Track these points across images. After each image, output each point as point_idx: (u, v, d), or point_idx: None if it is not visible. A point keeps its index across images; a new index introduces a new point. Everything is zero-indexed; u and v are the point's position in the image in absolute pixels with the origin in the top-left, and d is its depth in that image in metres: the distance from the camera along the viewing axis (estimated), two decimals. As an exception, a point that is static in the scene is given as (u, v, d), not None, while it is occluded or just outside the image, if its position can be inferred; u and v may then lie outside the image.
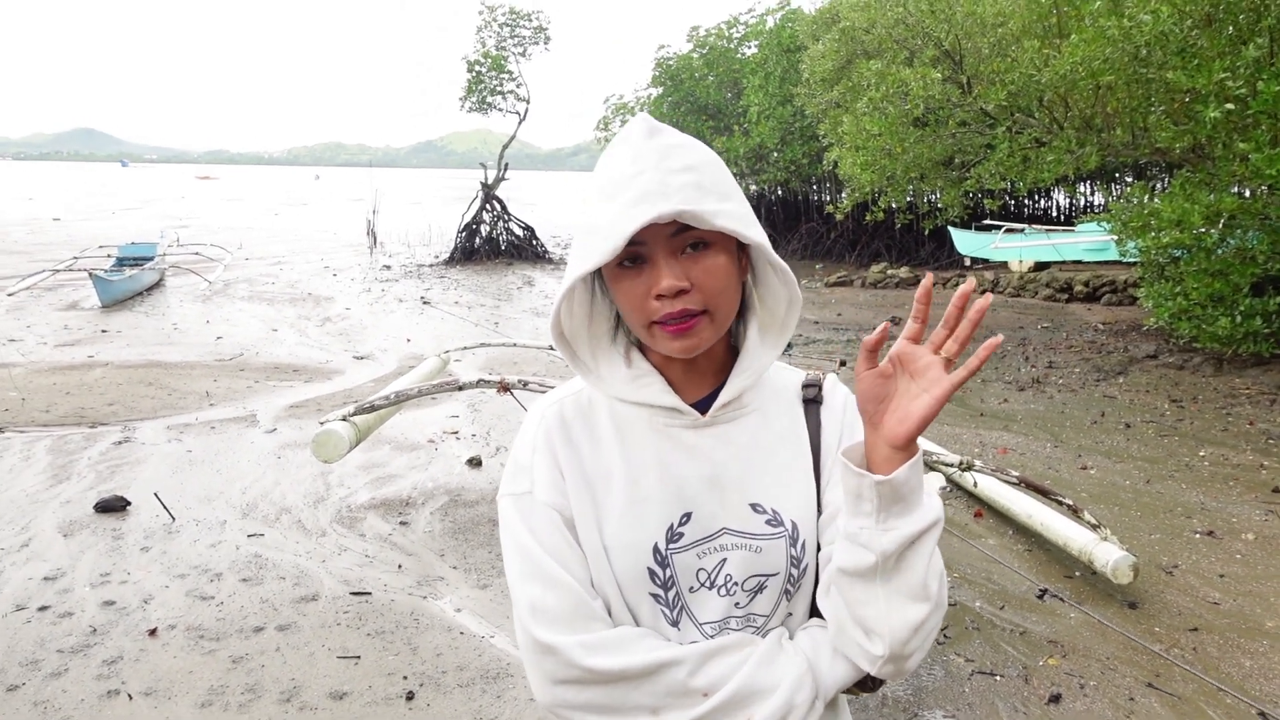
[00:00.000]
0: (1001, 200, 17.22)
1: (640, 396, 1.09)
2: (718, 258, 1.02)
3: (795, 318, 1.11)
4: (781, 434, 1.13)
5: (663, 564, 1.06)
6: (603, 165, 1.05)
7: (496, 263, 19.26)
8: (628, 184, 0.99)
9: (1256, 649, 3.41)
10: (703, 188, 1.00)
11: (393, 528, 4.66)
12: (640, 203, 0.97)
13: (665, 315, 1.00)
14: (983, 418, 6.84)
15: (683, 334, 1.01)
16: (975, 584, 3.99)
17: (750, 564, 1.08)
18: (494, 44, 20.52)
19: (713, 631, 1.07)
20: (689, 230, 1.00)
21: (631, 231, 0.96)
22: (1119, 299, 12.36)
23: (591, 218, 1.02)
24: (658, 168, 1.00)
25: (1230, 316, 7.54)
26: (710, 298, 1.01)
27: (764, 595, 1.08)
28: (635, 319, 1.04)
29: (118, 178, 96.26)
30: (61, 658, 3.34)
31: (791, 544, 1.09)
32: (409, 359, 8.93)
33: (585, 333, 1.13)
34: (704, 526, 1.07)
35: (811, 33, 15.48)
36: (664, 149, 1.02)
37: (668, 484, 1.08)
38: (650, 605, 1.07)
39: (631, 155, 1.01)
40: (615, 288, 1.04)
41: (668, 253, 1.00)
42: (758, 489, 1.09)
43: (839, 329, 11.06)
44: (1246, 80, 6.66)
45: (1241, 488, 5.18)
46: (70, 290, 13.40)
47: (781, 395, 1.16)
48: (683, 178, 0.99)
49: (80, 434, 6.22)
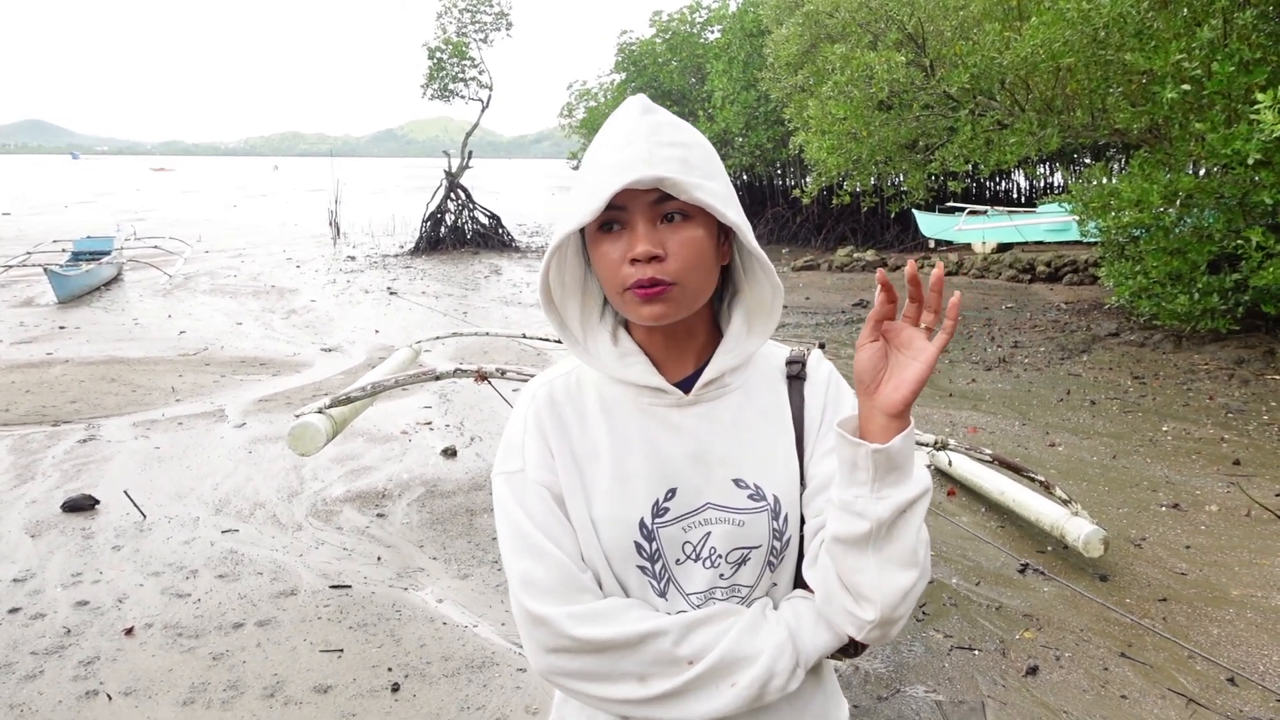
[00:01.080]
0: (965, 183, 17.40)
1: (626, 375, 1.12)
2: (695, 231, 1.05)
3: (779, 304, 1.13)
4: (764, 411, 1.16)
5: (649, 537, 1.09)
6: (598, 138, 1.09)
7: (463, 252, 19.12)
8: (616, 152, 1.03)
9: (1223, 617, 3.51)
10: (688, 163, 1.03)
11: (370, 520, 4.63)
12: (625, 168, 1.01)
13: (636, 281, 1.03)
14: (952, 398, 6.94)
15: (651, 299, 1.03)
16: (952, 561, 4.06)
17: (733, 537, 1.11)
18: (455, 30, 20.30)
19: (699, 602, 1.11)
20: (669, 200, 1.03)
21: (613, 190, 0.99)
22: (1080, 278, 12.58)
23: (580, 182, 1.07)
24: (647, 140, 1.03)
25: (1189, 294, 7.72)
26: (682, 269, 1.04)
27: (747, 567, 1.12)
28: (610, 284, 1.06)
29: (69, 170, 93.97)
30: (36, 659, 3.28)
31: (774, 517, 1.12)
32: (378, 350, 8.85)
33: (577, 303, 1.15)
34: (688, 501, 1.10)
35: (775, 17, 15.49)
36: (655, 125, 1.05)
37: (653, 461, 1.11)
38: (638, 577, 1.10)
39: (625, 129, 1.05)
40: (594, 252, 1.07)
41: (647, 219, 1.03)
42: (740, 465, 1.12)
43: (807, 313, 11.14)
44: (1202, 61, 6.79)
45: (1204, 461, 5.31)
46: (24, 286, 13.08)
47: (765, 372, 1.19)
48: (670, 151, 1.03)
49: (43, 433, 6.09)
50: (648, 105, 1.08)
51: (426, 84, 20.54)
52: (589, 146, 1.10)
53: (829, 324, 10.33)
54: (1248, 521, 4.42)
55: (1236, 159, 6.50)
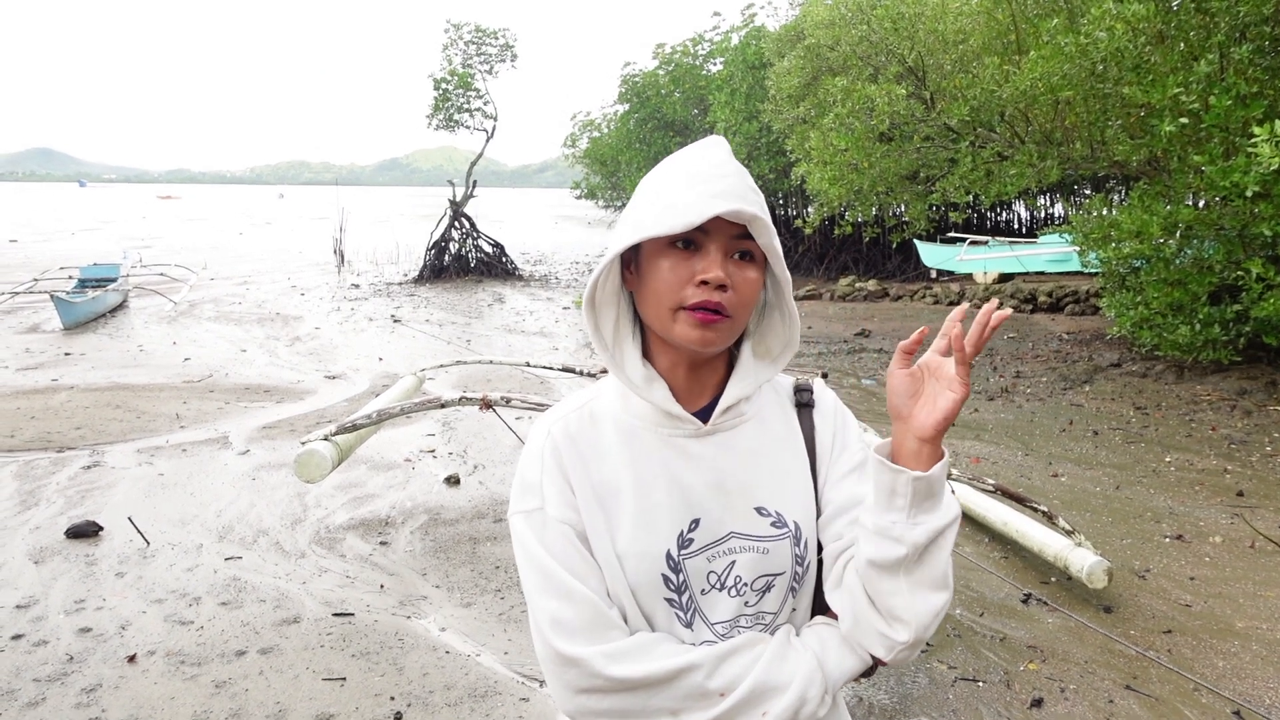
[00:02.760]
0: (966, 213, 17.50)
1: (650, 395, 1.13)
2: (757, 273, 1.10)
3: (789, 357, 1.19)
4: (779, 438, 1.19)
5: (675, 569, 1.10)
6: (683, 160, 1.12)
7: (466, 280, 19.21)
8: (712, 180, 1.07)
9: (1228, 649, 3.50)
10: (765, 212, 1.09)
11: (373, 548, 4.63)
12: (725, 196, 1.05)
13: (702, 302, 1.06)
14: (954, 427, 6.94)
15: (708, 325, 1.07)
16: (955, 591, 4.05)
17: (758, 565, 1.13)
18: (460, 61, 20.54)
19: (724, 630, 1.12)
20: (747, 239, 1.08)
21: (714, 213, 1.04)
22: (1082, 309, 12.61)
23: (662, 192, 1.09)
24: (742, 179, 1.08)
25: (1190, 325, 7.74)
26: (740, 305, 1.09)
27: (772, 594, 1.14)
28: (666, 300, 1.08)
29: (76, 198, 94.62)
30: (39, 687, 3.27)
31: (795, 543, 1.14)
32: (382, 378, 8.88)
33: (613, 310, 1.16)
34: (712, 531, 1.12)
35: (777, 50, 15.68)
36: (744, 171, 1.11)
37: (675, 492, 1.12)
38: (665, 609, 1.11)
39: (718, 160, 1.10)
40: (655, 265, 1.09)
41: (723, 249, 1.08)
42: (761, 493, 1.15)
43: (810, 342, 11.17)
44: (1199, 95, 6.87)
45: (1207, 492, 5.31)
46: (30, 313, 13.15)
47: (775, 400, 1.22)
48: (756, 198, 1.09)
49: (47, 459, 6.11)
50: (731, 151, 1.13)
51: (432, 114, 20.74)
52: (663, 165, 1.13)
53: (831, 353, 10.36)
54: (1252, 553, 4.41)
55: (1235, 191, 6.55)
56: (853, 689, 3.08)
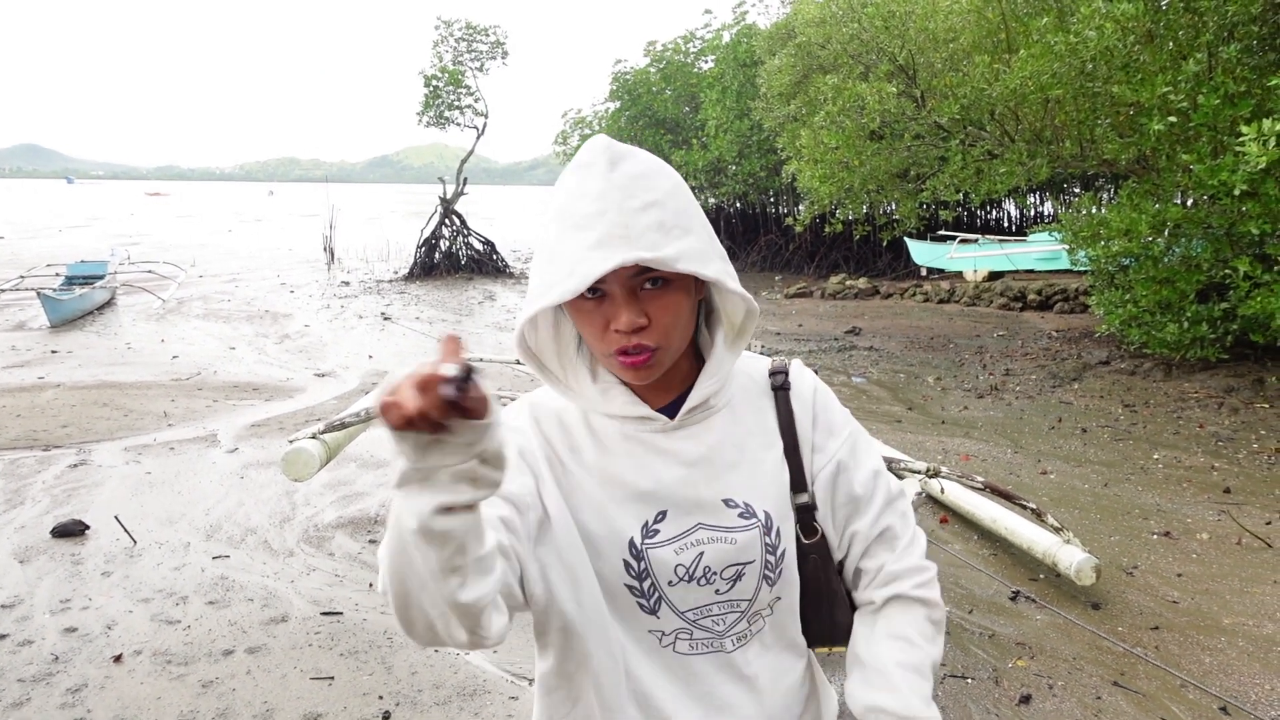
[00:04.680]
0: (956, 211, 17.54)
1: (609, 408, 1.13)
2: (676, 295, 1.05)
3: (753, 325, 1.15)
4: (750, 428, 1.17)
5: (637, 557, 1.11)
6: (563, 190, 1.06)
7: (457, 278, 19.17)
8: (590, 222, 1.01)
9: (1215, 645, 3.51)
10: (665, 227, 1.01)
11: (362, 546, 4.61)
12: (603, 245, 0.99)
13: (621, 347, 1.03)
14: (944, 425, 6.96)
15: (636, 367, 1.05)
16: (944, 588, 4.03)
17: (726, 555, 1.12)
18: (451, 58, 20.49)
19: (695, 617, 1.13)
20: (649, 270, 1.02)
21: (595, 277, 0.98)
22: (1071, 307, 12.66)
23: (552, 246, 1.04)
24: (620, 208, 1.00)
25: (1178, 323, 7.78)
26: (665, 334, 1.05)
27: (743, 582, 1.13)
28: (596, 347, 1.07)
29: (63, 194, 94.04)
30: (23, 687, 3.25)
31: (765, 533, 1.13)
32: (371, 375, 8.85)
33: (553, 347, 1.15)
34: (679, 524, 1.12)
35: (768, 47, 15.69)
36: (626, 184, 1.02)
37: (642, 485, 1.12)
38: (625, 595, 1.12)
39: (595, 191, 1.02)
40: (576, 317, 1.07)
41: (627, 291, 1.03)
42: (729, 484, 1.14)
43: (800, 339, 11.18)
44: (1187, 94, 6.90)
45: (1195, 489, 5.33)
46: (17, 310, 13.06)
47: (747, 387, 1.20)
48: (645, 218, 1.00)
49: (33, 457, 6.07)
50: (614, 154, 1.04)
51: (422, 111, 20.69)
52: (555, 198, 1.07)
53: (821, 350, 10.38)
54: (1238, 549, 4.43)
55: (1223, 190, 6.58)
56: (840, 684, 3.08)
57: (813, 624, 1.21)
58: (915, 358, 9.81)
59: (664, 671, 1.14)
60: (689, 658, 1.14)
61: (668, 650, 1.14)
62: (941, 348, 10.40)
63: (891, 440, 6.12)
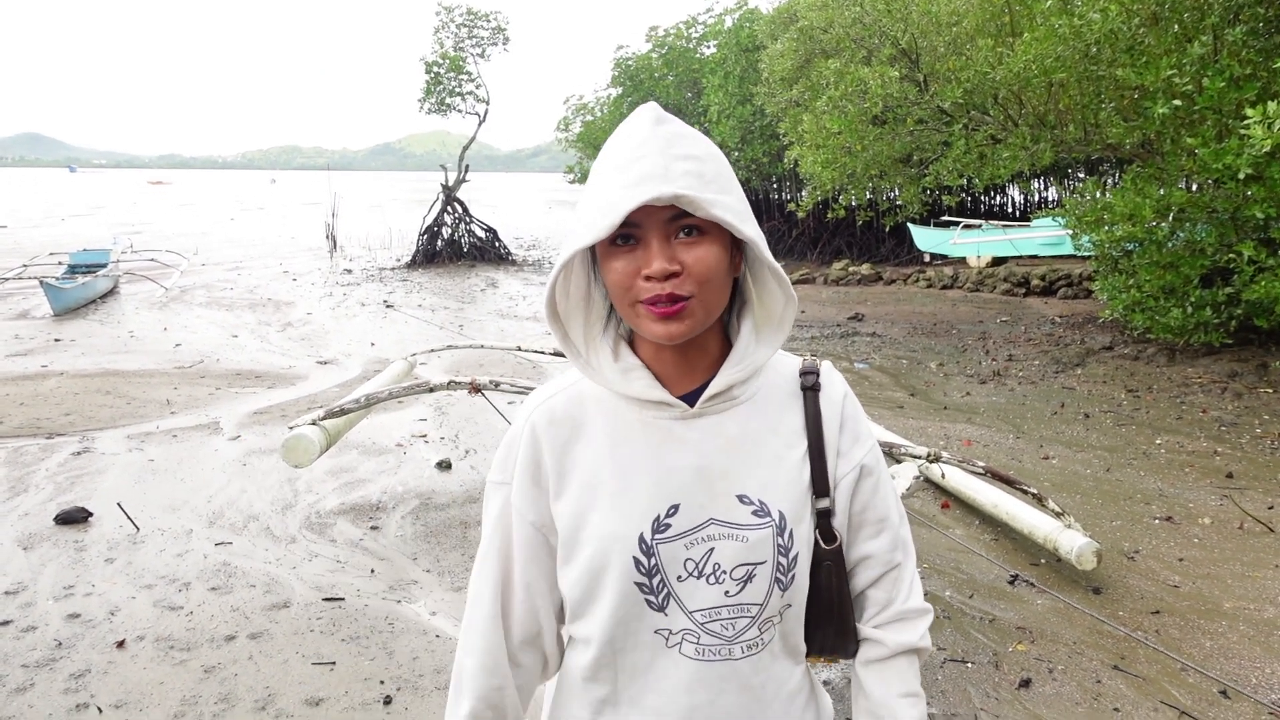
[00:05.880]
0: (959, 197, 17.48)
1: (628, 389, 1.10)
2: (711, 246, 1.03)
3: (792, 316, 1.12)
4: (773, 424, 1.14)
5: (648, 553, 1.08)
6: (608, 147, 1.06)
7: (459, 265, 19.15)
8: (630, 166, 1.01)
9: (1216, 629, 3.51)
10: (704, 177, 1.01)
11: (363, 532, 4.62)
12: (640, 183, 0.98)
13: (653, 296, 1.01)
14: (946, 410, 6.95)
15: (668, 318, 1.01)
16: (944, 573, 4.06)
17: (737, 553, 1.09)
18: (452, 45, 20.40)
19: (704, 619, 1.09)
20: (685, 216, 1.01)
21: (629, 209, 0.97)
22: (1075, 292, 12.62)
23: (591, 193, 1.04)
24: (662, 153, 1.01)
25: (1182, 308, 7.75)
26: (699, 284, 1.02)
27: (754, 584, 1.10)
28: (622, 298, 1.04)
29: (66, 183, 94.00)
30: (26, 672, 3.26)
31: (779, 533, 1.10)
32: (373, 363, 8.85)
33: (581, 315, 1.13)
34: (691, 518, 1.09)
35: (770, 32, 15.60)
36: (670, 136, 1.03)
37: (656, 476, 1.09)
38: (634, 593, 1.09)
39: (638, 139, 1.02)
40: (605, 266, 1.05)
41: (661, 235, 1.01)
42: (745, 480, 1.11)
43: (803, 325, 11.16)
44: (1193, 77, 6.85)
45: (1197, 474, 5.32)
46: (20, 299, 13.07)
47: (776, 384, 1.17)
48: (685, 165, 1.01)
49: (37, 445, 6.08)
50: (660, 115, 1.05)
51: (424, 98, 20.62)
52: (599, 155, 1.07)
53: (824, 337, 10.36)
54: (1240, 534, 4.43)
55: (1228, 174, 6.54)
56: (840, 670, 3.08)
57: (817, 634, 1.17)
58: (918, 343, 9.80)
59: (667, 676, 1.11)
60: (695, 663, 1.10)
61: (674, 651, 1.10)
62: (944, 333, 10.37)
63: (893, 426, 6.11)
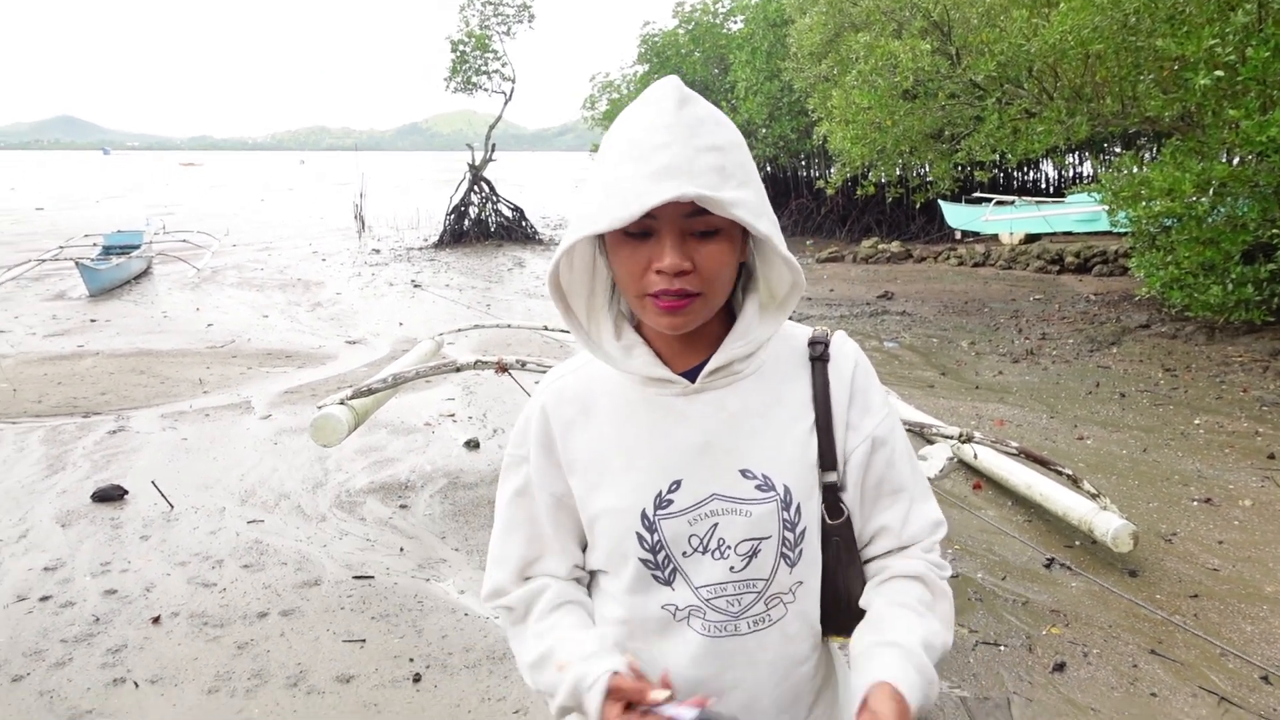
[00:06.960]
0: (991, 172, 17.16)
1: (628, 366, 1.10)
2: (723, 244, 1.02)
3: (796, 298, 1.11)
4: (778, 396, 1.13)
5: (650, 529, 1.09)
6: (627, 122, 1.03)
7: (486, 245, 19.17)
8: (653, 153, 0.98)
9: (1257, 614, 3.44)
10: (725, 172, 0.99)
11: (393, 511, 4.65)
12: (664, 177, 0.96)
13: (661, 290, 1.01)
14: (978, 390, 6.86)
15: (674, 311, 1.02)
16: (977, 555, 4.01)
17: (742, 528, 1.09)
18: (478, 23, 20.31)
19: (709, 594, 1.09)
20: (703, 214, 0.99)
21: (651, 206, 0.95)
22: (1110, 269, 12.38)
23: (607, 174, 1.01)
24: (687, 143, 0.98)
25: (1222, 285, 7.57)
26: (708, 281, 1.02)
27: (759, 559, 1.09)
28: (630, 288, 1.04)
29: (100, 166, 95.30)
30: (65, 647, 3.32)
31: (784, 508, 1.09)
32: (402, 343, 8.90)
33: (584, 290, 1.13)
34: (694, 493, 1.09)
35: (798, 6, 15.35)
36: (694, 123, 1.00)
37: (659, 452, 1.10)
38: (639, 568, 1.10)
39: (662, 123, 0.99)
40: (615, 253, 1.04)
41: (676, 232, 1.00)
42: (748, 454, 1.10)
43: (831, 304, 11.06)
44: (1236, 47, 6.65)
45: (1237, 455, 5.21)
46: (57, 280, 13.28)
47: (783, 355, 1.15)
48: (708, 158, 0.98)
49: (74, 424, 6.18)
50: (684, 95, 1.01)
51: (450, 77, 20.57)
52: (614, 126, 1.04)
53: (853, 315, 10.26)
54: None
55: (1272, 146, 6.36)
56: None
57: (830, 611, 1.16)
58: (949, 322, 9.67)
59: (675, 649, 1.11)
60: (702, 638, 1.10)
61: (682, 625, 1.10)
62: (976, 312, 10.23)
63: (924, 405, 6.04)
